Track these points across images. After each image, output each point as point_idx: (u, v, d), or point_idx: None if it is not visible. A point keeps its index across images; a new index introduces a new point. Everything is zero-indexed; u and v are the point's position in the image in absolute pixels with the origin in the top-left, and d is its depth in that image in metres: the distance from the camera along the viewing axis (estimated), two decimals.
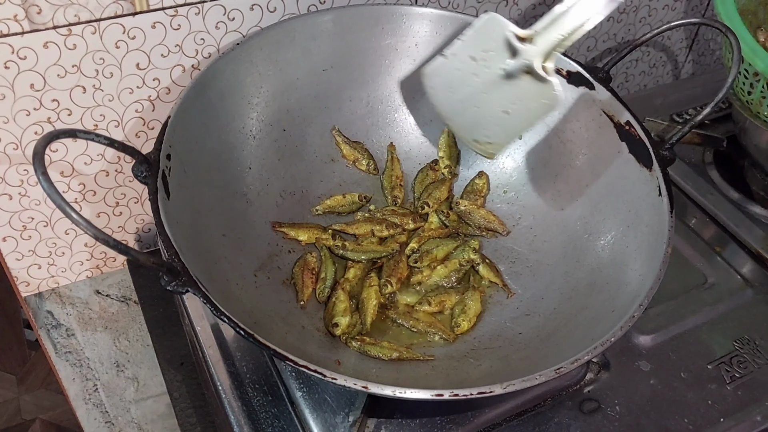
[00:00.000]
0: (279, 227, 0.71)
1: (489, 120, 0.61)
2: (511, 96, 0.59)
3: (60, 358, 0.95)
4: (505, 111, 0.60)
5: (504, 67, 0.58)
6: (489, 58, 0.58)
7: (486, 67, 0.59)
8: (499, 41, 0.57)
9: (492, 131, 0.62)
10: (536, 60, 0.56)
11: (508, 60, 0.57)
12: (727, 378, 0.69)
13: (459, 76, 0.61)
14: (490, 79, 0.59)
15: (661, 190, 0.62)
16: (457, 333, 0.66)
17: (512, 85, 0.58)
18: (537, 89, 0.57)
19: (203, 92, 0.65)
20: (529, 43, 0.56)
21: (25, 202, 0.75)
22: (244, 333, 0.49)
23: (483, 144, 0.63)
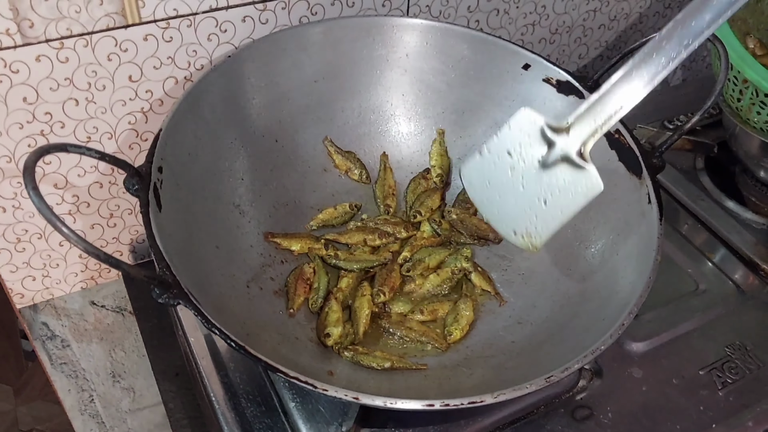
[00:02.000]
0: (272, 238, 0.71)
1: (528, 212, 0.61)
2: (548, 186, 0.58)
3: (56, 369, 0.95)
4: (544, 201, 0.59)
5: (540, 158, 0.58)
6: (525, 151, 0.58)
7: (522, 161, 0.59)
8: (534, 134, 0.57)
9: (532, 223, 0.61)
10: (572, 147, 0.56)
11: (544, 152, 0.57)
12: (719, 384, 0.69)
13: (496, 171, 0.61)
14: (527, 171, 0.59)
15: (651, 198, 0.63)
16: (450, 342, 0.66)
17: (549, 174, 0.58)
18: (575, 177, 0.57)
19: (195, 104, 0.66)
20: (564, 133, 0.56)
21: (18, 215, 0.75)
22: (235, 345, 0.50)
23: (524, 237, 0.62)
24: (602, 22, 1.01)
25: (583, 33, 1.01)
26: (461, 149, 0.79)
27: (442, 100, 0.78)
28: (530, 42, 0.97)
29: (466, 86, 0.77)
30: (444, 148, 0.79)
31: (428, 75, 0.77)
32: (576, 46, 1.02)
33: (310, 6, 0.76)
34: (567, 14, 0.97)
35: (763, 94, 0.75)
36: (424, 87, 0.78)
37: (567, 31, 0.99)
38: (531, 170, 0.58)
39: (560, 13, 0.96)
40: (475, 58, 0.75)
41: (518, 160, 0.59)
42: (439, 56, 0.76)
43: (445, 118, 0.79)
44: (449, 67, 0.77)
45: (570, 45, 1.01)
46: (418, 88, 0.78)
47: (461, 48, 0.75)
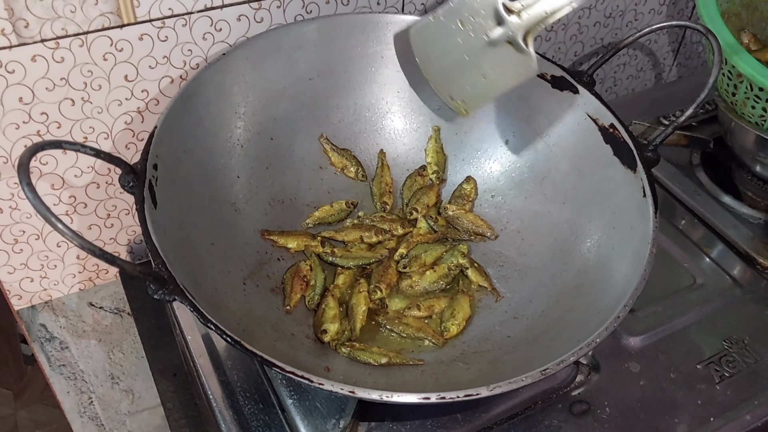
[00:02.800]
0: (268, 235, 0.71)
1: (467, 81, 0.66)
2: (490, 61, 0.64)
3: (54, 371, 0.95)
4: (484, 75, 0.65)
5: (488, 34, 0.62)
6: (475, 24, 0.63)
7: (471, 32, 0.63)
8: (488, 9, 0.62)
9: (468, 92, 0.67)
10: (520, 32, 0.61)
11: (493, 28, 0.62)
12: (716, 377, 0.69)
13: (444, 37, 0.65)
14: (473, 44, 0.64)
15: (646, 192, 0.63)
16: (447, 337, 0.66)
17: (493, 51, 0.63)
18: (516, 58, 0.62)
19: (190, 102, 0.66)
20: (515, 15, 0.61)
21: (16, 216, 0.75)
22: (231, 340, 0.50)
23: (458, 101, 0.68)
24: (597, 19, 1.01)
25: (579, 30, 1.01)
26: (457, 146, 0.79)
27: (437, 97, 0.78)
28: None
29: None
30: (440, 145, 0.79)
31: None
32: (572, 43, 1.02)
33: (305, 4, 0.76)
34: None
35: (758, 88, 0.75)
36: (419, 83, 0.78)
37: (562, 29, 0.99)
38: (478, 43, 0.63)
39: None
40: None
41: (468, 30, 0.63)
42: None
43: (441, 114, 0.79)
44: None
45: (566, 42, 1.01)
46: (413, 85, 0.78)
47: None
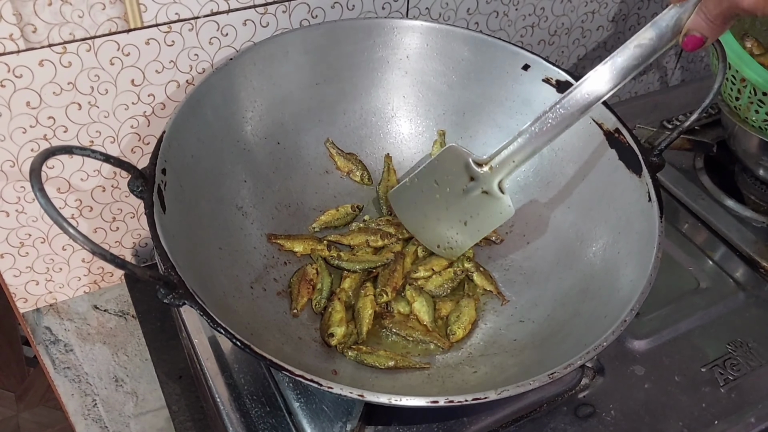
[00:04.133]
0: (275, 239, 0.71)
1: (450, 230, 0.71)
2: (469, 210, 0.69)
3: (59, 373, 0.96)
4: (465, 223, 0.69)
5: (464, 188, 0.68)
6: (450, 181, 0.68)
7: (447, 188, 0.69)
8: (459, 167, 0.67)
9: (453, 239, 0.71)
10: (493, 182, 0.66)
11: (468, 182, 0.67)
12: (720, 381, 0.69)
13: (423, 195, 0.71)
14: (451, 197, 0.69)
15: (651, 196, 0.63)
16: (453, 341, 0.66)
17: (470, 201, 0.68)
18: (493, 204, 0.67)
19: (197, 107, 0.66)
20: (486, 167, 0.65)
21: (22, 219, 0.76)
22: (240, 344, 0.50)
23: (445, 249, 0.72)
24: (601, 23, 1.02)
25: (582, 34, 1.02)
26: None
27: (442, 101, 0.78)
28: (529, 44, 0.97)
29: (466, 87, 0.77)
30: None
31: (429, 76, 0.78)
32: (575, 47, 1.03)
33: (311, 9, 0.77)
34: (566, 16, 0.97)
35: (761, 93, 0.76)
36: (425, 88, 0.79)
37: (566, 33, 1.00)
38: (455, 196, 0.69)
39: (559, 15, 0.96)
40: (476, 59, 0.76)
41: (444, 187, 0.69)
42: (440, 58, 0.77)
43: (446, 119, 0.79)
44: (450, 69, 0.77)
45: (569, 46, 1.02)
46: (418, 90, 0.79)
47: (461, 49, 0.76)
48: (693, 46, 0.53)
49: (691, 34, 0.53)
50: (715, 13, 0.51)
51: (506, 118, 0.76)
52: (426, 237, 0.73)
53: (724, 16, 0.50)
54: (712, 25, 0.51)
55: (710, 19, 0.51)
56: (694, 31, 0.52)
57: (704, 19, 0.51)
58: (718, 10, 0.50)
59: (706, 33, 0.52)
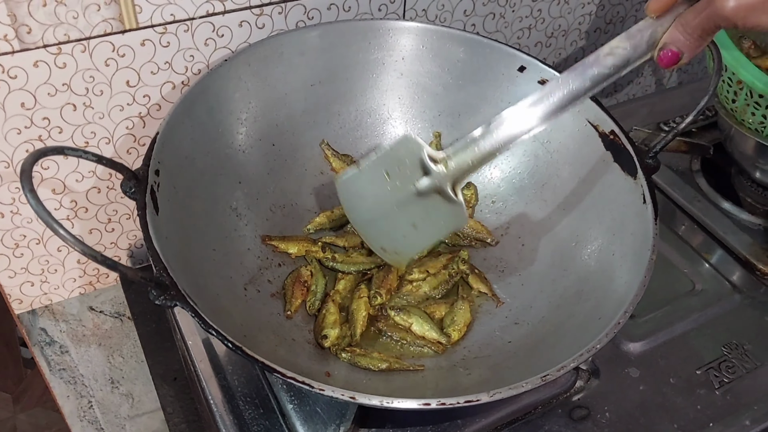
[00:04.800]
0: (269, 240, 0.71)
1: (398, 232, 0.64)
2: (420, 212, 0.62)
3: (54, 375, 0.95)
4: (414, 225, 0.63)
5: (416, 185, 0.60)
6: (402, 174, 0.61)
7: (398, 183, 0.61)
8: (413, 160, 0.60)
9: (399, 243, 0.65)
10: (447, 181, 0.59)
11: (420, 179, 0.60)
12: (715, 383, 0.69)
13: (372, 188, 0.63)
14: (401, 195, 0.61)
15: (646, 198, 0.63)
16: (448, 343, 0.66)
17: (422, 201, 0.61)
18: (445, 208, 0.60)
19: (192, 108, 0.66)
20: (441, 164, 0.59)
21: (17, 220, 0.76)
22: (232, 346, 0.50)
23: (390, 253, 0.66)
24: (598, 25, 1.02)
25: (579, 36, 1.02)
26: None
27: (438, 102, 0.78)
28: (526, 46, 0.97)
29: (462, 89, 0.77)
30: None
31: (424, 78, 0.78)
32: (572, 49, 1.03)
33: (307, 10, 0.77)
34: (563, 18, 0.97)
35: (758, 95, 0.76)
36: (420, 90, 0.78)
37: (563, 35, 1.00)
38: (405, 194, 0.61)
39: (556, 17, 0.96)
40: (471, 60, 0.76)
41: (395, 181, 0.61)
42: (435, 59, 0.77)
43: (442, 120, 0.79)
44: (445, 70, 0.77)
45: (566, 48, 1.02)
46: (414, 91, 0.79)
47: (457, 51, 0.76)
48: (668, 61, 0.50)
49: (667, 48, 0.50)
50: (693, 24, 0.48)
51: None
52: (372, 235, 0.67)
53: (703, 27, 0.48)
54: (690, 39, 0.49)
55: (688, 31, 0.49)
56: (670, 45, 0.50)
57: (682, 32, 0.49)
58: (696, 20, 0.48)
59: (682, 48, 0.50)
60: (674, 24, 0.50)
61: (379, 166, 0.62)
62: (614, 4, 1.00)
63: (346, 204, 0.66)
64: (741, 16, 0.44)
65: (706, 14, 0.47)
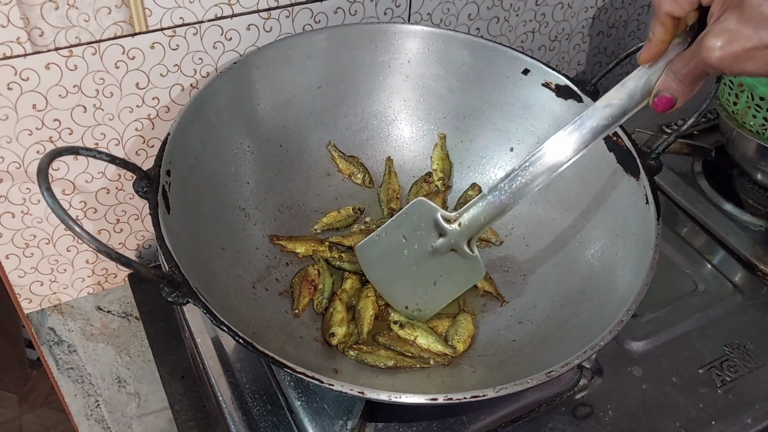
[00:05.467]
0: (277, 240, 0.72)
1: (419, 290, 0.67)
2: (438, 269, 0.65)
3: (62, 374, 0.96)
4: (434, 283, 0.66)
5: (432, 245, 0.64)
6: (419, 237, 0.64)
7: (416, 244, 0.65)
8: (428, 222, 0.63)
9: (422, 300, 0.67)
10: (462, 240, 0.62)
11: (436, 239, 0.63)
12: (718, 382, 0.70)
13: (391, 251, 0.67)
14: (419, 255, 0.65)
15: (648, 199, 0.64)
16: (453, 355, 0.66)
17: (440, 260, 0.64)
18: (462, 264, 0.63)
19: (202, 110, 0.67)
20: (455, 223, 0.62)
21: (27, 220, 0.77)
22: (243, 341, 0.51)
23: (414, 311, 0.68)
24: (601, 29, 1.03)
25: (582, 40, 1.03)
26: (462, 153, 0.80)
27: (443, 105, 0.79)
28: (530, 49, 0.98)
29: (466, 91, 0.78)
30: (445, 152, 0.80)
31: (430, 80, 0.79)
32: (575, 53, 1.04)
33: (314, 14, 0.78)
34: (566, 22, 0.98)
35: (758, 98, 0.77)
36: (426, 92, 0.79)
37: (566, 39, 1.01)
38: (424, 254, 0.65)
39: (559, 21, 0.97)
40: (476, 63, 0.77)
41: (412, 244, 0.65)
42: (441, 62, 0.78)
43: (447, 122, 0.80)
44: (450, 73, 0.78)
45: (569, 52, 1.03)
46: (419, 94, 0.80)
47: (462, 54, 0.77)
48: (663, 107, 0.52)
49: (661, 95, 0.52)
50: (684, 72, 0.49)
51: (506, 122, 0.77)
52: (394, 296, 0.69)
53: (692, 75, 0.49)
54: (682, 85, 0.50)
55: (679, 78, 0.50)
56: (664, 92, 0.51)
57: (673, 79, 0.50)
58: (686, 69, 0.49)
59: (676, 94, 0.51)
60: (665, 72, 0.51)
61: (396, 230, 0.66)
62: (617, 8, 1.01)
63: (366, 269, 0.70)
64: (727, 64, 0.45)
65: (694, 63, 0.48)
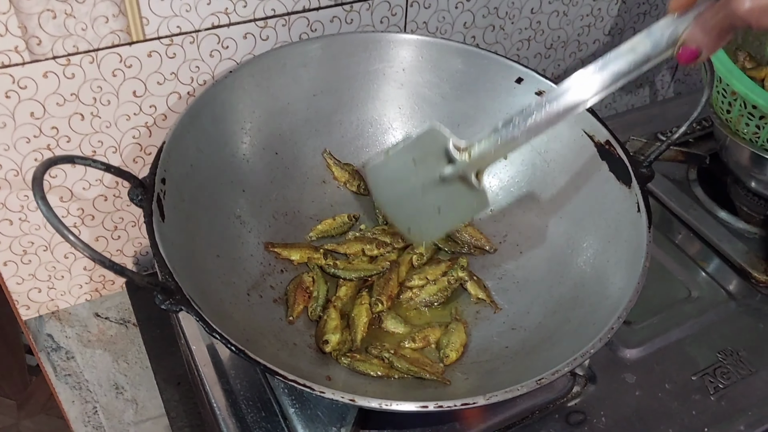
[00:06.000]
0: (272, 247, 0.73)
1: (423, 215, 0.66)
2: (444, 197, 0.64)
3: (60, 380, 0.97)
4: (438, 209, 0.65)
5: (441, 172, 0.63)
6: (428, 162, 0.64)
7: (425, 170, 0.64)
8: (439, 149, 0.62)
9: (424, 225, 0.67)
10: (470, 169, 0.61)
11: (445, 166, 0.62)
12: (711, 389, 0.70)
13: (400, 174, 0.66)
14: (427, 181, 0.64)
15: (640, 207, 0.64)
16: (446, 363, 0.66)
17: (447, 187, 0.63)
18: (468, 193, 0.62)
19: (197, 118, 0.68)
20: (465, 153, 0.61)
21: (25, 227, 0.77)
22: (235, 349, 0.51)
23: (415, 234, 0.69)
24: (597, 37, 1.04)
25: (578, 48, 1.03)
26: None
27: (437, 112, 0.80)
28: (526, 57, 0.99)
29: (460, 99, 0.79)
30: None
31: (424, 88, 0.79)
32: (571, 60, 1.04)
33: (310, 23, 0.78)
34: (562, 29, 0.99)
35: (751, 106, 0.77)
36: (420, 100, 0.80)
37: (562, 46, 1.01)
38: (431, 180, 0.63)
39: (555, 29, 0.98)
40: (469, 71, 0.77)
41: (421, 168, 0.64)
42: (434, 70, 0.78)
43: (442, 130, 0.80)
44: (444, 81, 0.79)
45: (565, 59, 1.03)
46: (414, 101, 0.80)
47: (455, 62, 0.78)
48: (687, 58, 0.51)
49: (686, 46, 0.51)
50: (711, 24, 0.49)
51: None
52: (398, 217, 0.69)
53: (720, 27, 0.49)
54: (708, 37, 0.50)
55: (707, 30, 0.50)
56: (690, 43, 0.51)
57: (701, 30, 0.50)
58: (714, 20, 0.49)
59: (701, 45, 0.51)
60: (694, 22, 0.51)
61: (407, 154, 0.64)
62: (612, 15, 1.02)
63: (374, 188, 0.70)
64: (755, 17, 0.45)
65: (723, 14, 0.48)
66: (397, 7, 0.82)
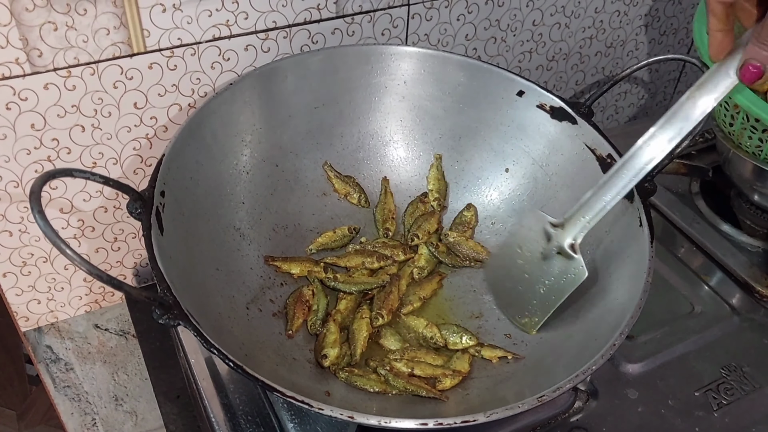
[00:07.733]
0: (272, 261, 0.72)
1: (530, 297, 0.70)
2: (546, 273, 0.68)
3: (59, 392, 0.96)
4: (542, 287, 0.69)
5: (541, 251, 0.68)
6: (531, 245, 0.69)
7: (528, 252, 0.70)
8: (538, 230, 0.68)
9: (532, 307, 0.70)
10: (566, 241, 0.66)
11: (545, 244, 0.68)
12: (714, 405, 0.69)
13: (508, 263, 0.72)
14: (531, 262, 0.70)
15: (642, 221, 0.64)
16: (440, 389, 0.64)
17: (547, 264, 0.68)
18: (566, 266, 0.66)
19: (197, 131, 0.67)
20: (560, 228, 0.66)
21: (25, 239, 0.77)
22: (233, 365, 0.51)
23: (526, 320, 0.70)
24: (598, 49, 1.03)
25: (580, 60, 1.03)
26: (458, 174, 0.80)
27: (439, 125, 0.80)
28: (527, 69, 0.99)
29: (462, 112, 0.79)
30: (441, 173, 0.80)
31: (425, 101, 0.79)
32: (573, 72, 1.04)
33: (311, 35, 0.78)
34: (563, 42, 0.99)
35: (754, 120, 0.77)
36: (422, 113, 0.80)
37: (564, 59, 1.01)
38: (534, 260, 0.69)
39: (557, 41, 0.98)
40: (471, 84, 0.77)
41: (526, 252, 0.70)
42: (436, 83, 0.78)
43: (442, 143, 0.80)
44: (446, 94, 0.78)
45: (567, 72, 1.03)
46: (415, 114, 0.80)
47: (457, 75, 0.77)
48: (751, 76, 0.51)
49: (748, 64, 0.51)
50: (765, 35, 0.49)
51: (501, 143, 0.78)
52: (510, 309, 0.72)
53: None
54: None
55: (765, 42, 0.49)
56: (751, 61, 0.51)
57: (760, 46, 0.50)
58: None
59: (764, 61, 0.50)
60: (751, 41, 0.51)
61: (513, 243, 0.72)
62: (614, 28, 1.02)
63: (490, 284, 0.75)
64: None
65: None
66: (399, 20, 0.82)
